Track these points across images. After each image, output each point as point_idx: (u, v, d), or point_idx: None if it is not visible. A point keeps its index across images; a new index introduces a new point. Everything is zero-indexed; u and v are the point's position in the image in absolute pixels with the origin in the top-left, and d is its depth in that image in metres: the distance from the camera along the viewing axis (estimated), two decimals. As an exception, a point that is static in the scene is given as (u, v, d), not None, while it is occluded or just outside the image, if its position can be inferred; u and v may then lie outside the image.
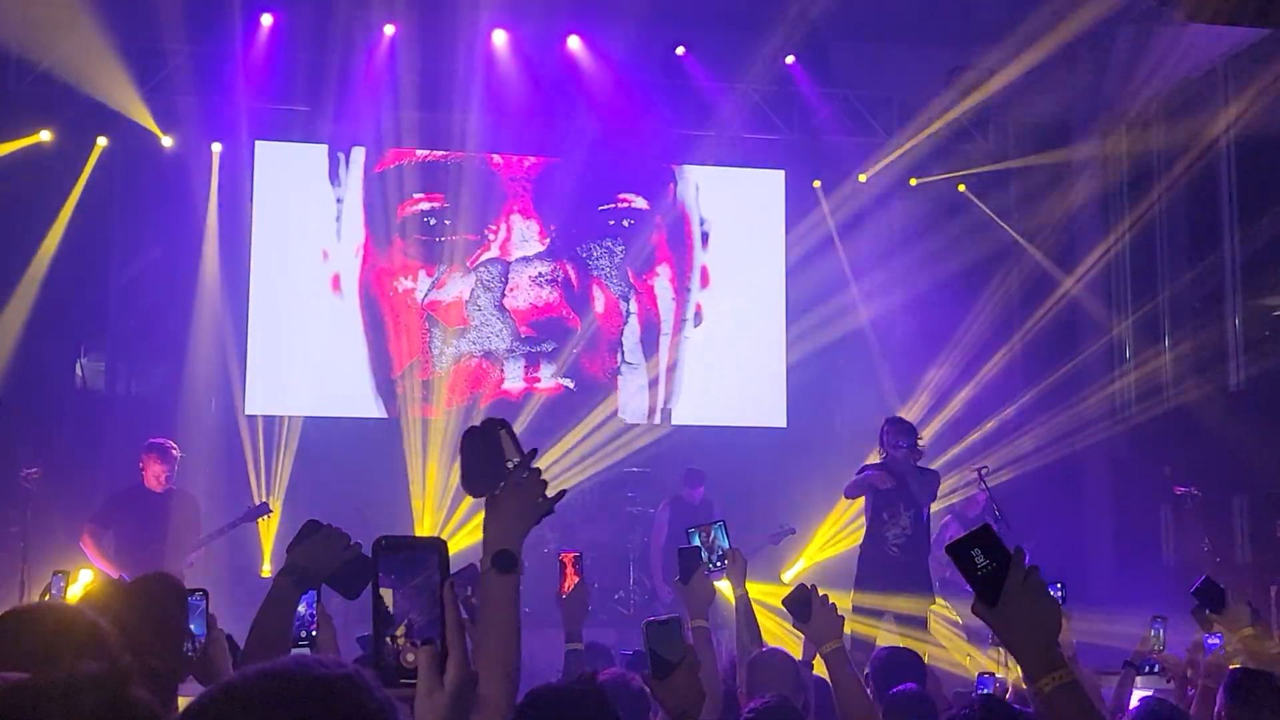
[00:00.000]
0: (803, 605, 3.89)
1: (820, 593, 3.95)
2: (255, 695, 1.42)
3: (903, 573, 8.93)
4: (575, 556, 4.38)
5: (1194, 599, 4.88)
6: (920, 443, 9.10)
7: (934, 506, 12.00)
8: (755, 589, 9.70)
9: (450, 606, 1.90)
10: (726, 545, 4.82)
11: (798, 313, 13.54)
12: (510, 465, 2.47)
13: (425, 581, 1.98)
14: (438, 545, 2.04)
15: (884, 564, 9.00)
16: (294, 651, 3.93)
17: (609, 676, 3.93)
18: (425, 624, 1.94)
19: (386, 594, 1.97)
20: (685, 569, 4.30)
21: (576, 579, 4.32)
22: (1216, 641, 5.55)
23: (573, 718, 2.94)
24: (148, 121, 12.10)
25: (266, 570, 11.34)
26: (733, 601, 5.01)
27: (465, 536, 11.49)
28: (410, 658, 1.91)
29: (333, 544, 3.19)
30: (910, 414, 13.51)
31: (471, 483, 2.52)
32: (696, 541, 4.80)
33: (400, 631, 1.94)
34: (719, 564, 4.81)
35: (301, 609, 3.92)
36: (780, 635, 9.72)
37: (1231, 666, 4.63)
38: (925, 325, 13.52)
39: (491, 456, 2.48)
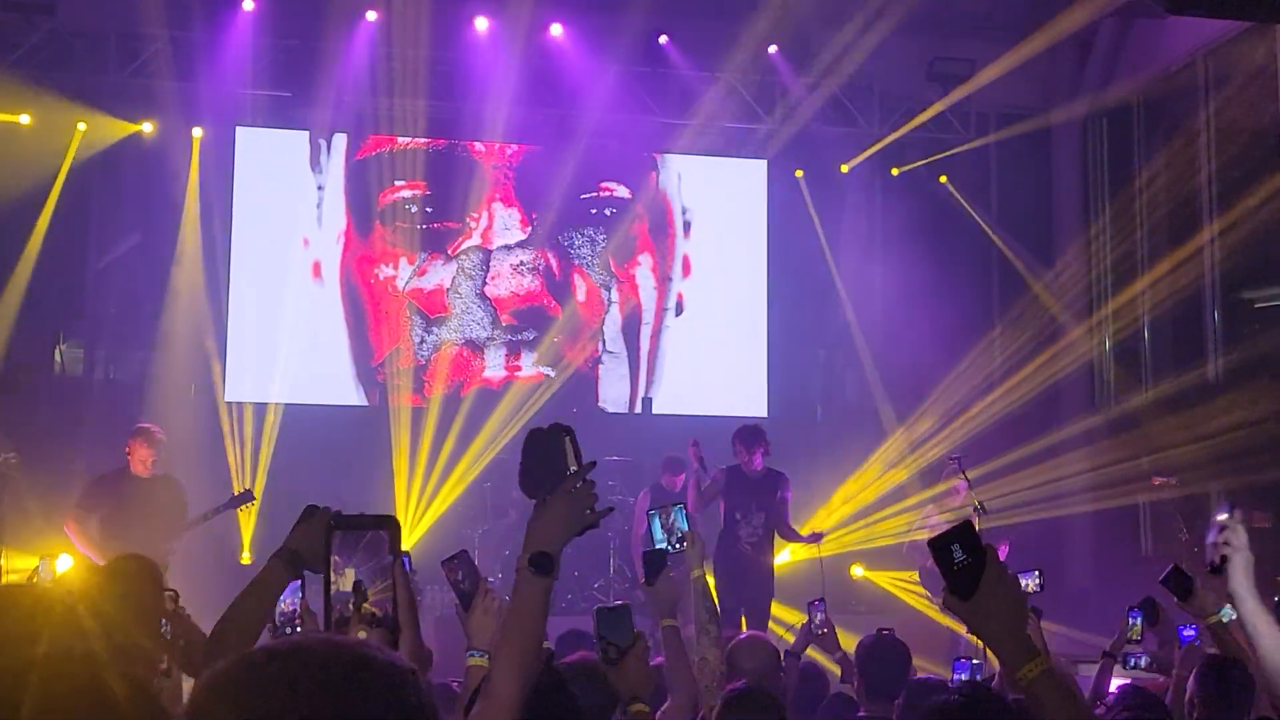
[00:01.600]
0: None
1: None
2: (300, 659, 1.39)
3: (755, 570, 9.40)
4: None
5: (1161, 587, 4.90)
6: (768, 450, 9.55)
7: (917, 498, 12.14)
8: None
9: (401, 584, 1.90)
10: (685, 528, 4.84)
11: (779, 302, 13.57)
12: (569, 472, 2.49)
13: (379, 559, 1.99)
14: (389, 524, 2.04)
15: (738, 560, 9.42)
16: None
17: (583, 659, 3.93)
18: (377, 601, 1.94)
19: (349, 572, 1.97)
20: (650, 570, 4.21)
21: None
22: (1192, 633, 5.60)
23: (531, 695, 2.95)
24: (125, 122, 12.05)
25: (246, 558, 11.31)
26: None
27: (441, 521, 11.53)
28: (362, 634, 1.91)
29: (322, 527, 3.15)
30: (893, 403, 13.59)
31: (532, 484, 2.52)
32: (657, 525, 4.82)
33: (355, 607, 1.94)
34: (678, 545, 4.84)
35: (285, 605, 3.96)
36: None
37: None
38: (906, 313, 13.54)
39: (555, 460, 2.49)
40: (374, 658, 1.42)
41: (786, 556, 12.19)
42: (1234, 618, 4.97)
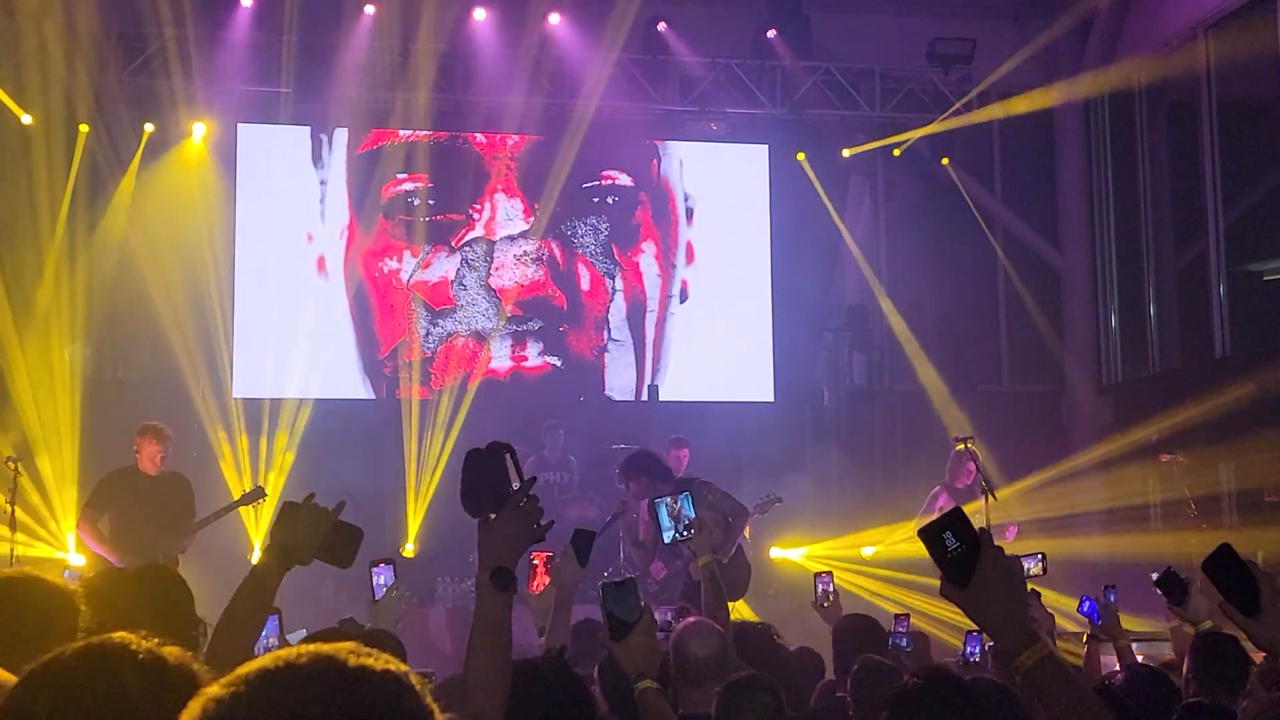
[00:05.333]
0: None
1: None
2: (292, 677, 1.37)
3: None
4: (548, 557, 4.37)
5: (1157, 590, 4.84)
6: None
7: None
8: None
9: None
10: (692, 514, 4.82)
11: (783, 286, 13.55)
12: (512, 489, 2.52)
13: None
14: None
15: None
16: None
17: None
18: None
19: None
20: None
21: (547, 580, 4.31)
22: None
23: (541, 691, 2.96)
24: (127, 121, 12.09)
25: (258, 557, 11.34)
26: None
27: (448, 513, 11.53)
28: None
29: (312, 518, 3.13)
30: (896, 387, 13.58)
31: (474, 503, 2.55)
32: (664, 512, 4.79)
33: None
34: (685, 533, 4.82)
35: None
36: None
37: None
38: (909, 293, 13.55)
39: (496, 479, 2.52)
40: (369, 668, 1.41)
41: (797, 555, 12.22)
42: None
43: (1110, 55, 13.59)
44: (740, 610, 8.68)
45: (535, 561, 4.35)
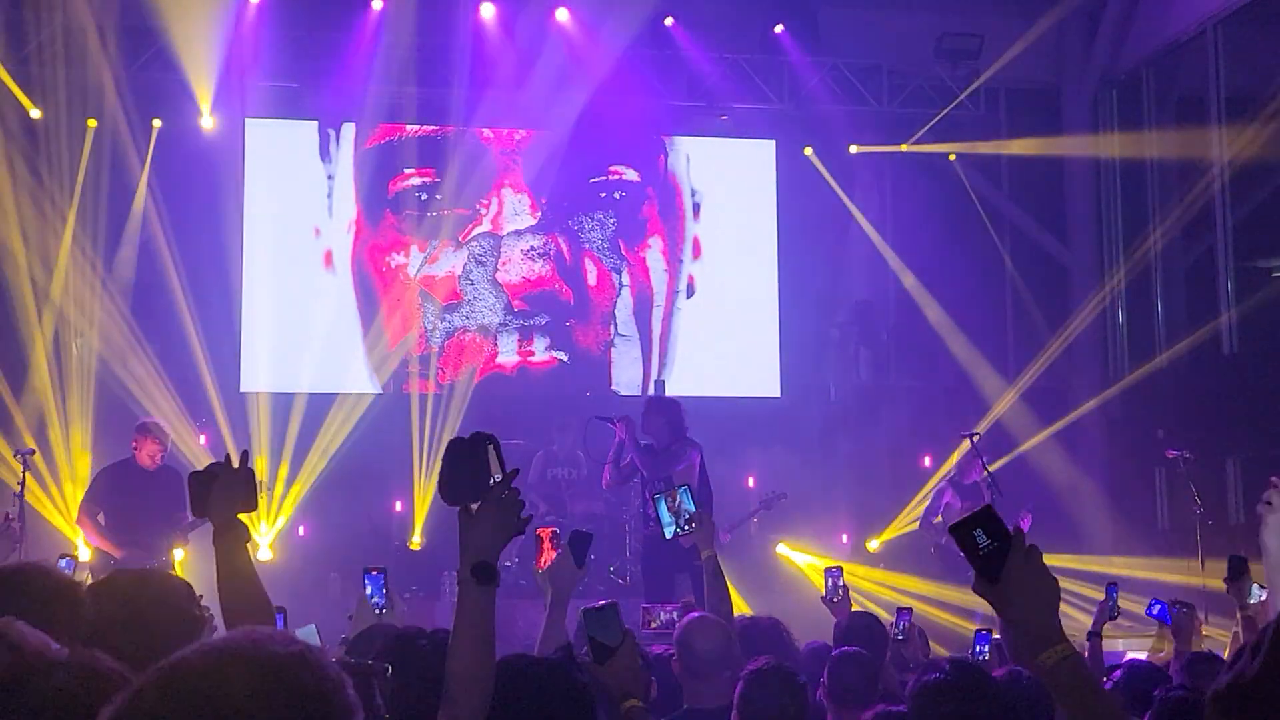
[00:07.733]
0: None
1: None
2: (204, 670, 1.43)
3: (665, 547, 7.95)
4: (553, 532, 4.38)
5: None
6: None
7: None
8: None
9: None
10: (692, 509, 4.84)
11: (789, 282, 13.55)
12: (493, 481, 2.51)
13: None
14: None
15: (649, 541, 9.00)
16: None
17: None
18: None
19: None
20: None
21: (555, 554, 4.33)
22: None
23: (543, 691, 2.96)
24: (134, 116, 12.11)
25: (270, 555, 11.36)
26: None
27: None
28: None
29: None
30: (904, 383, 13.59)
31: (453, 492, 2.54)
32: (663, 507, 4.80)
33: None
34: (686, 528, 4.84)
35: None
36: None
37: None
38: (917, 290, 13.53)
39: (477, 470, 2.51)
40: (258, 650, 1.47)
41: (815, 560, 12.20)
42: (1263, 598, 5.04)
43: (1119, 49, 13.57)
44: (740, 607, 8.67)
45: (541, 537, 4.35)
